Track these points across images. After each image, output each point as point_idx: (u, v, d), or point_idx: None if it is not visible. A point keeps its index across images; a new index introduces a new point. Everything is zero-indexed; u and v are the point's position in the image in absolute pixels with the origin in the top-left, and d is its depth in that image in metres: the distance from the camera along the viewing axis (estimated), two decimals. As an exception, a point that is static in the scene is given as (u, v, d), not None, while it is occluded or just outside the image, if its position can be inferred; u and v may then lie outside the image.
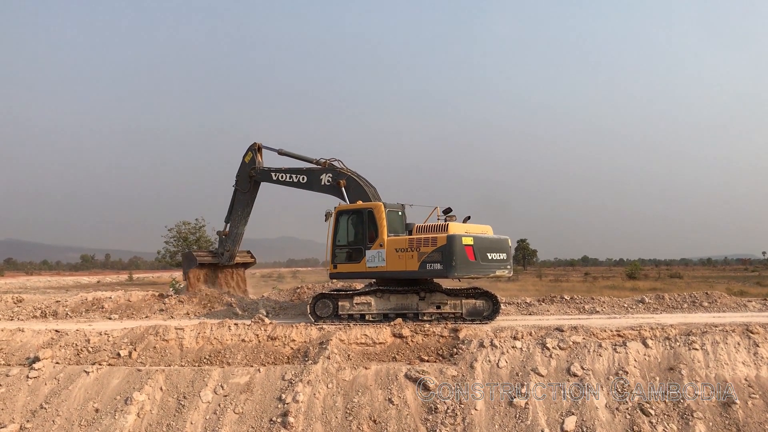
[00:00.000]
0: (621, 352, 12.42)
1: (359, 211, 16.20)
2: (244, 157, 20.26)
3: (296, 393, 11.67)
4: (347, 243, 16.36)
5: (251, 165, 20.10)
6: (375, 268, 15.75)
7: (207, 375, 12.29)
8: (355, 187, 17.46)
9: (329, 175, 18.12)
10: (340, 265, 16.34)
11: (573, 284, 47.36)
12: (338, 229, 16.47)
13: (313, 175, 18.57)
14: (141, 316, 18.18)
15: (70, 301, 19.80)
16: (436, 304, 15.54)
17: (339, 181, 17.63)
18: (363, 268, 15.93)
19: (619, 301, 19.08)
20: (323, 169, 18.42)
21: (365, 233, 15.98)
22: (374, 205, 16.09)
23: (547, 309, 18.27)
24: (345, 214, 16.53)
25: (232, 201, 20.64)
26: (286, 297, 20.92)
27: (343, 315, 15.61)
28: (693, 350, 12.40)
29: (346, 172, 17.97)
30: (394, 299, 15.61)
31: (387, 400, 11.67)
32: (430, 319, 15.36)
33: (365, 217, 15.99)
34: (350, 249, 16.28)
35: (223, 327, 14.14)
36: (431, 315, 15.52)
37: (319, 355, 12.75)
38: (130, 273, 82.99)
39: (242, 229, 20.86)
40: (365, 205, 16.23)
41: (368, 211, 15.99)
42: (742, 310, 17.88)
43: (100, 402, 11.87)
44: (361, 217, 16.12)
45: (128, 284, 53.53)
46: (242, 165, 20.33)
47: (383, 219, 15.83)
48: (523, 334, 13.21)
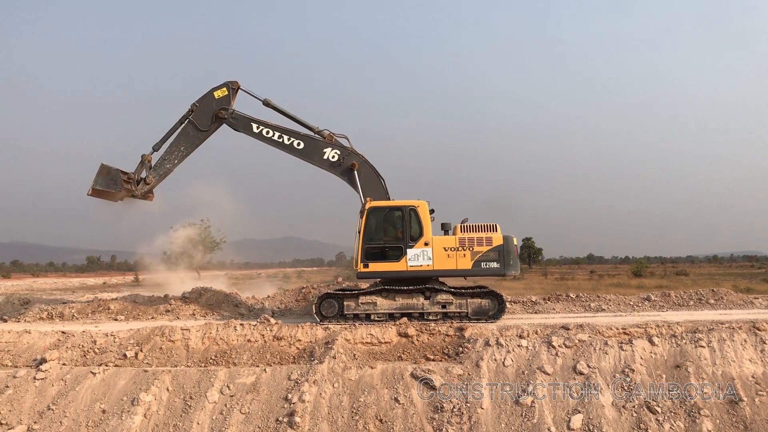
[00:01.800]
0: (627, 350, 12.41)
1: (399, 208, 15.86)
2: (214, 91, 17.18)
3: (302, 393, 11.68)
4: (382, 241, 15.97)
5: (222, 104, 17.08)
6: (419, 267, 15.59)
7: (213, 375, 12.32)
8: (367, 175, 16.63)
9: (336, 150, 16.75)
10: (372, 263, 15.75)
11: (579, 282, 47.31)
12: (370, 226, 15.89)
13: (313, 144, 16.83)
14: (147, 317, 18.22)
15: (76, 303, 19.85)
16: (441, 304, 15.50)
17: (353, 163, 16.67)
18: (403, 267, 15.66)
19: (625, 298, 19.04)
20: (329, 143, 16.86)
21: (406, 231, 15.71)
22: (419, 203, 15.84)
23: (553, 307, 18.25)
24: (379, 210, 16.05)
25: (175, 130, 17.20)
26: (292, 297, 20.93)
27: (349, 315, 15.57)
28: (699, 348, 12.38)
29: (360, 155, 16.78)
30: (400, 299, 15.56)
31: (393, 399, 11.68)
32: (435, 319, 15.34)
33: (407, 214, 15.72)
34: (386, 247, 15.87)
35: (228, 327, 14.16)
36: (437, 315, 15.49)
37: (325, 354, 12.76)
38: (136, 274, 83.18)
39: (173, 167, 17.43)
40: (407, 202, 15.88)
41: (411, 208, 15.73)
42: (748, 307, 17.82)
43: (106, 403, 11.90)
44: (401, 214, 15.81)
45: (134, 285, 53.68)
46: (208, 98, 17.14)
47: (428, 217, 15.72)
48: (529, 333, 13.20)
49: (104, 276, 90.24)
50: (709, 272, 73.99)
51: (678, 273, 67.10)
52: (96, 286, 56.58)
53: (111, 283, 64.86)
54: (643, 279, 51.66)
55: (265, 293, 23.38)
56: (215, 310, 18.88)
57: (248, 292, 24.72)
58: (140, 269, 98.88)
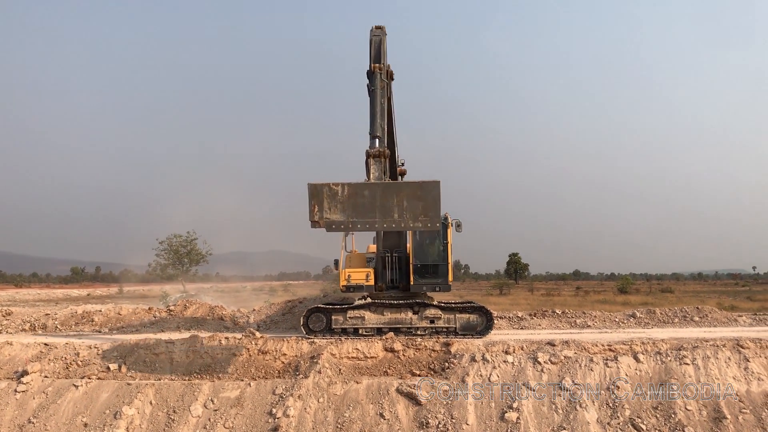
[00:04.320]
0: (612, 367, 12.44)
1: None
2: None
3: (287, 407, 11.61)
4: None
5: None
6: None
7: (197, 389, 12.22)
8: None
9: None
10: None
11: (564, 298, 47.47)
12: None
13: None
14: (131, 329, 18.06)
15: (59, 315, 19.65)
16: (430, 319, 15.49)
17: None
18: None
19: (610, 315, 19.12)
20: None
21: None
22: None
23: (539, 323, 18.28)
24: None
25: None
26: (278, 310, 20.83)
27: (337, 329, 15.52)
28: (684, 365, 12.44)
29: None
30: (388, 313, 15.54)
31: (378, 414, 11.63)
32: (423, 334, 15.32)
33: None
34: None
35: (213, 340, 14.07)
36: (425, 329, 15.47)
37: (310, 369, 12.70)
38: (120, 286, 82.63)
39: None
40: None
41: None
42: (732, 324, 17.94)
43: (89, 416, 11.77)
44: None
45: (119, 297, 53.28)
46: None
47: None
48: (515, 349, 13.21)
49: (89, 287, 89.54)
50: (694, 290, 74.45)
51: (663, 290, 67.45)
52: (80, 297, 56.11)
53: (95, 294, 64.35)
54: (629, 296, 51.93)
55: (250, 306, 23.24)
56: (200, 322, 18.75)
57: (234, 305, 24.59)
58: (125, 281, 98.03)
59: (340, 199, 10.99)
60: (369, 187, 11.18)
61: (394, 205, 10.94)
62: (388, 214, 10.95)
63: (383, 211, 10.93)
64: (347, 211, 10.97)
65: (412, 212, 10.95)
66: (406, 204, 10.98)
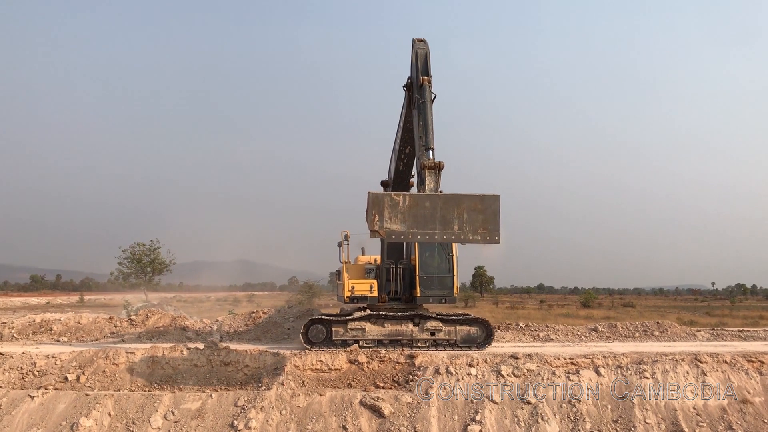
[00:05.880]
0: (574, 380, 12.57)
1: None
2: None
3: (249, 419, 11.49)
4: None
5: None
6: None
7: (157, 400, 12.03)
8: None
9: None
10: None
11: (529, 312, 47.85)
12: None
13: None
14: (91, 338, 17.73)
15: (16, 323, 19.21)
16: (430, 331, 15.37)
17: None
18: None
19: (573, 329, 19.33)
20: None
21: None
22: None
23: (503, 336, 18.40)
24: None
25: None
26: (241, 321, 20.62)
27: (337, 340, 15.28)
28: (644, 379, 12.62)
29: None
30: (389, 325, 15.36)
31: (341, 427, 11.57)
32: (423, 346, 15.20)
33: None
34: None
35: (175, 351, 13.88)
36: (425, 342, 15.40)
37: (273, 380, 12.60)
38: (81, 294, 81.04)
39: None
40: None
41: None
42: (691, 339, 18.28)
43: (44, 428, 11.50)
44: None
45: (79, 306, 52.24)
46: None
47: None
48: (479, 361, 13.28)
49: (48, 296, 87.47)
50: (655, 304, 75.74)
51: (625, 305, 68.39)
52: (39, 305, 54.90)
53: (55, 303, 62.96)
54: (592, 310, 52.54)
55: (214, 317, 22.98)
56: (162, 333, 18.49)
57: (197, 316, 24.31)
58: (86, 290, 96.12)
59: (401, 209, 10.72)
60: (430, 198, 10.94)
61: (454, 217, 10.72)
62: (449, 226, 10.73)
63: (443, 222, 10.70)
64: (408, 221, 10.71)
65: (472, 225, 10.75)
66: (467, 216, 10.76)
